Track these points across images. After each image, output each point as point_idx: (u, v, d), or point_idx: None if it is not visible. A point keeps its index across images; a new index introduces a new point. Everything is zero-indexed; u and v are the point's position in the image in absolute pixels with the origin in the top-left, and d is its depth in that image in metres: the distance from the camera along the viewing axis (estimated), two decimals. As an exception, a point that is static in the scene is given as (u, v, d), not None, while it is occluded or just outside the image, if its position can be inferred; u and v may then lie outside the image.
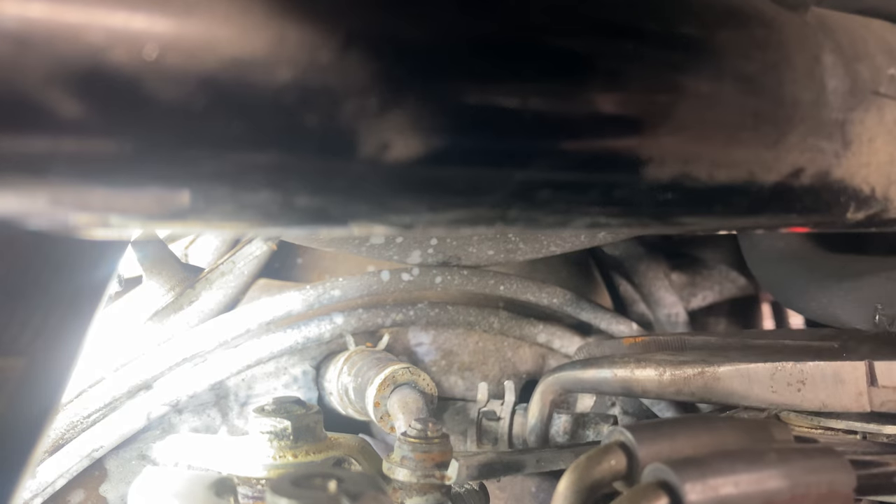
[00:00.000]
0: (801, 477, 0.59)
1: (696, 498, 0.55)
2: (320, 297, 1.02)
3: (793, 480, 0.58)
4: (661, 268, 1.34)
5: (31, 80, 0.33)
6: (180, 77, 0.35)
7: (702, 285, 1.41)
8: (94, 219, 0.40)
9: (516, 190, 0.46)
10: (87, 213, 0.39)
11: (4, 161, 0.35)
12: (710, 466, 0.57)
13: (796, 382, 0.73)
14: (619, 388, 0.90)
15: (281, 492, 0.50)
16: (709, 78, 0.49)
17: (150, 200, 0.40)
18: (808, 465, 0.59)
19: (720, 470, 0.57)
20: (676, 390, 0.81)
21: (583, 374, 0.97)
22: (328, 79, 0.38)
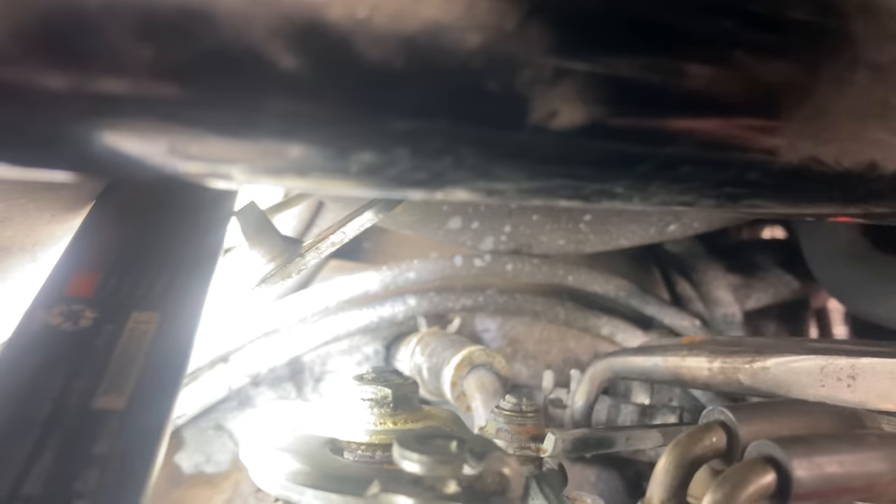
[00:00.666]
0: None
1: (804, 474, 0.56)
2: (396, 278, 1.05)
3: (894, 464, 0.60)
4: (719, 267, 1.35)
5: (260, 34, 0.35)
6: (385, 37, 0.37)
7: (756, 287, 1.42)
8: (291, 172, 0.42)
9: (662, 163, 0.48)
10: (286, 166, 0.41)
11: (225, 110, 0.37)
12: (815, 445, 0.58)
13: (846, 378, 0.73)
14: (669, 376, 0.91)
15: (409, 446, 0.52)
16: (843, 66, 0.51)
17: (337, 157, 0.42)
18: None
19: (825, 449, 0.58)
20: (725, 379, 0.82)
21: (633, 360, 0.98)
22: (511, 46, 0.40)
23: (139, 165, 0.40)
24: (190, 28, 0.35)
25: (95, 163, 0.41)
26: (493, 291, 1.12)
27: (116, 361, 0.54)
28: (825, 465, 0.57)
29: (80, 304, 0.58)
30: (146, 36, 0.34)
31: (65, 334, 0.55)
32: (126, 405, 0.51)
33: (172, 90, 0.36)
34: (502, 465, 0.53)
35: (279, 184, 0.46)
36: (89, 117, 0.37)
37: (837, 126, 0.52)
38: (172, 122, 0.38)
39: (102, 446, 0.48)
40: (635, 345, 1.17)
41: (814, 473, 0.57)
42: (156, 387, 0.53)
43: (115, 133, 0.38)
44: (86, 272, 0.61)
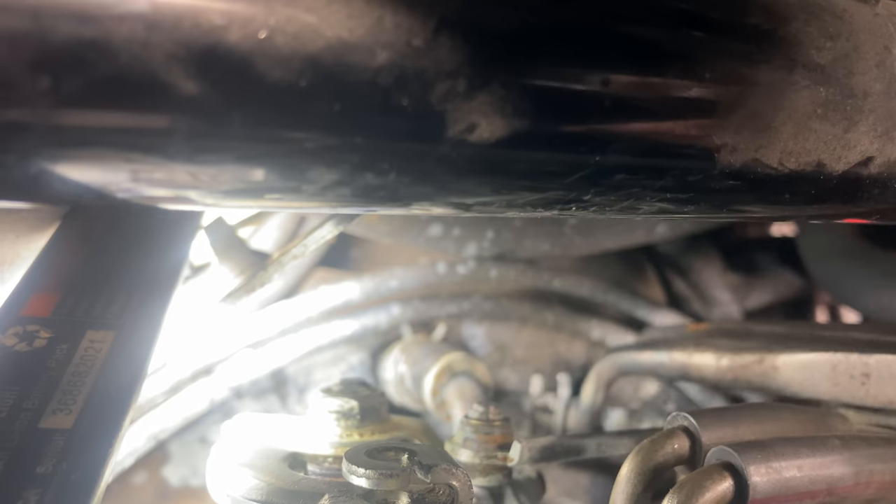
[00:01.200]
0: (865, 464, 0.59)
1: (760, 479, 0.56)
2: (378, 286, 1.05)
3: (857, 467, 0.59)
4: (715, 267, 1.34)
5: (158, 59, 0.35)
6: (287, 57, 0.38)
7: (756, 286, 1.40)
8: (202, 194, 0.42)
9: (593, 173, 0.47)
10: (195, 189, 0.42)
11: (127, 136, 0.37)
12: (774, 450, 0.58)
13: (860, 375, 0.71)
14: (676, 372, 0.91)
15: (357, 461, 0.52)
16: (781, 67, 0.50)
17: (247, 176, 0.42)
18: (872, 453, 0.60)
19: (784, 454, 0.58)
20: (734, 377, 0.81)
21: (639, 357, 0.97)
22: (421, 62, 0.40)
23: (54, 191, 0.40)
24: (86, 57, 0.35)
25: (19, 189, 0.42)
26: (479, 297, 1.11)
27: (67, 381, 0.54)
28: (783, 470, 0.57)
29: (35, 324, 0.58)
30: (42, 66, 0.35)
31: (18, 355, 0.55)
32: (73, 424, 0.52)
33: (77, 118, 0.37)
34: (450, 477, 0.53)
35: (202, 206, 0.46)
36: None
37: (778, 128, 0.51)
38: (84, 149, 0.38)
39: (46, 466, 0.48)
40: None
41: (771, 478, 0.56)
42: (106, 406, 0.54)
43: (28, 162, 0.39)
44: (44, 292, 0.62)
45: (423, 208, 0.49)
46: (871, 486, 0.59)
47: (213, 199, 0.44)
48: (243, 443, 0.67)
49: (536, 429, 1.06)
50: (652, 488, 0.62)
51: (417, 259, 1.17)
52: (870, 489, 0.59)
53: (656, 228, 1.14)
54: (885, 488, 0.60)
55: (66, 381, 0.54)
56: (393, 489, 0.52)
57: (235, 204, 0.46)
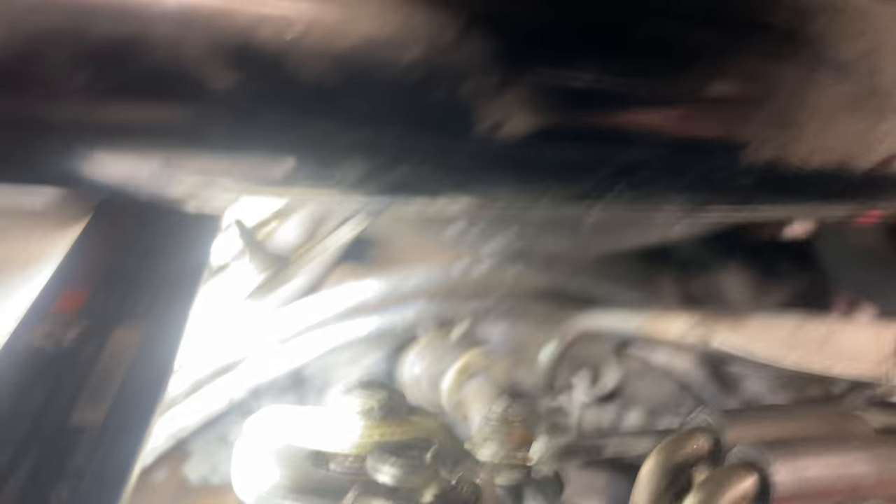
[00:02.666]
0: (886, 463, 0.59)
1: (784, 478, 0.56)
2: (398, 285, 1.05)
3: (878, 466, 0.59)
4: (731, 267, 1.34)
5: (192, 56, 0.36)
6: (317, 54, 0.38)
7: (772, 286, 1.40)
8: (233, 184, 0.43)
9: (620, 169, 0.48)
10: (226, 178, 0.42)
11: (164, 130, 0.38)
12: (797, 449, 0.58)
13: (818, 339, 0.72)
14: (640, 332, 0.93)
15: (383, 458, 0.52)
16: (805, 65, 0.50)
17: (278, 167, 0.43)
18: (892, 453, 0.60)
19: (807, 453, 0.58)
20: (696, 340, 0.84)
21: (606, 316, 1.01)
22: (451, 58, 0.40)
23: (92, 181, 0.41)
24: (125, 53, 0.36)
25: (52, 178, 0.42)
26: (497, 297, 1.11)
27: (96, 378, 0.55)
28: (806, 469, 0.56)
29: (64, 321, 0.59)
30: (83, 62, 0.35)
31: (47, 352, 0.56)
32: (103, 421, 0.52)
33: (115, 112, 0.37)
34: (474, 475, 0.53)
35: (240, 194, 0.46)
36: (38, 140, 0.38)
37: (802, 125, 0.51)
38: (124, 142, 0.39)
39: (77, 461, 0.49)
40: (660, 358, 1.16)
41: (794, 477, 0.56)
42: (134, 403, 0.54)
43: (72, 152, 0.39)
44: (74, 289, 0.63)
45: (452, 201, 0.49)
46: (892, 486, 0.59)
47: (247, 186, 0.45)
48: (267, 439, 0.67)
49: (551, 430, 1.06)
50: (674, 487, 0.62)
51: (436, 257, 1.17)
52: (892, 489, 0.59)
53: (672, 229, 1.14)
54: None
55: (96, 379, 0.55)
56: (417, 486, 0.53)
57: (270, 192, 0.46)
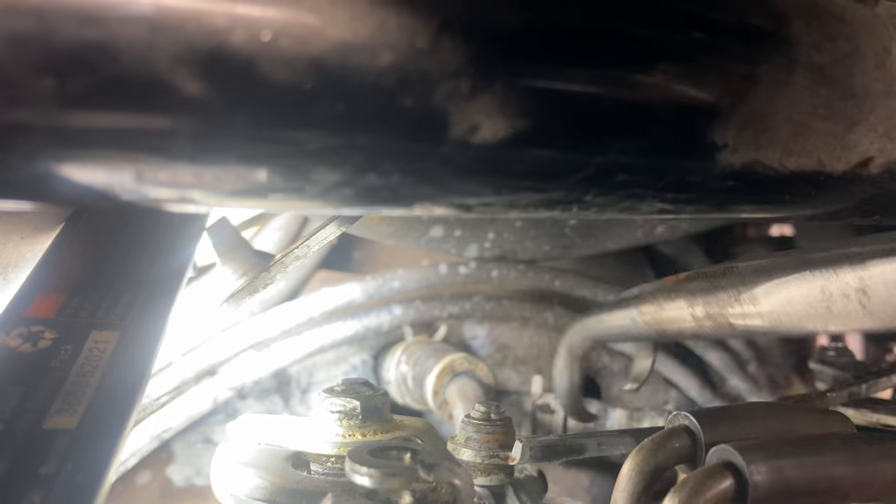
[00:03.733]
0: (867, 463, 0.60)
1: (761, 479, 0.56)
2: (380, 287, 1.05)
3: (858, 466, 0.59)
4: (713, 266, 1.34)
5: (162, 62, 0.36)
6: (290, 59, 0.38)
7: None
8: (206, 194, 0.43)
9: (594, 173, 0.48)
10: (200, 189, 0.42)
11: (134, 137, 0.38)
12: (775, 449, 0.58)
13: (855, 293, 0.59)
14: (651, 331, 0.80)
15: (360, 460, 0.52)
16: (781, 68, 0.50)
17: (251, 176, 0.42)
18: (872, 452, 0.60)
19: (785, 453, 0.58)
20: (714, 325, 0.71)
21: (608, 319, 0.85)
22: (424, 63, 0.40)
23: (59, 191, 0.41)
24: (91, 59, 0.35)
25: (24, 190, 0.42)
26: (480, 298, 1.12)
27: (72, 381, 0.54)
28: (784, 469, 0.57)
29: (40, 325, 0.59)
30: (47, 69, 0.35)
31: (22, 356, 0.56)
32: (78, 424, 0.52)
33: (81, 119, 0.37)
34: (452, 476, 0.53)
35: (207, 206, 0.46)
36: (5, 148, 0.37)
37: (778, 128, 0.51)
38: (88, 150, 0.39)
39: (50, 466, 0.49)
40: (627, 347, 1.16)
41: (772, 478, 0.56)
42: (110, 406, 0.54)
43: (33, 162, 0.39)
44: (49, 293, 0.62)
45: (426, 209, 0.49)
46: (872, 486, 0.60)
47: (217, 199, 0.44)
48: (247, 443, 0.67)
49: (537, 428, 1.06)
50: (653, 487, 0.62)
51: (419, 260, 1.17)
52: (871, 489, 0.60)
53: (655, 230, 1.15)
54: (887, 487, 0.60)
55: (71, 382, 0.54)
56: (396, 488, 0.53)
57: (239, 204, 0.46)
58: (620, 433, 0.74)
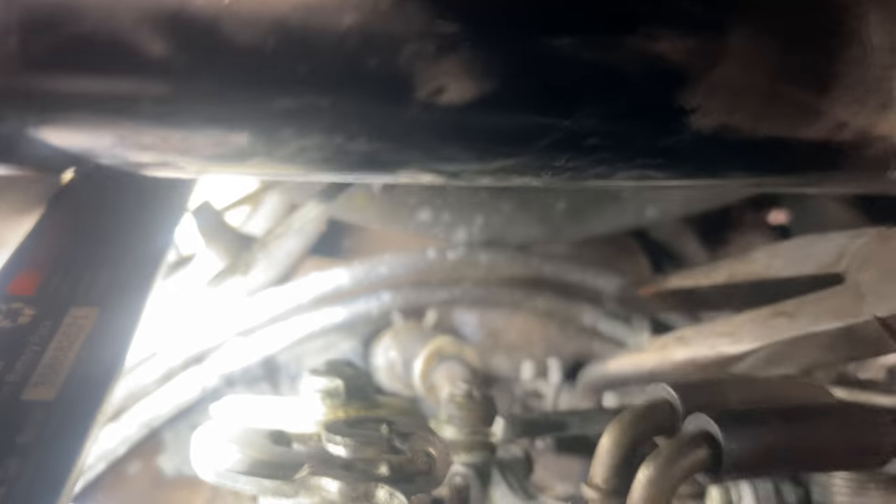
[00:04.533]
0: (845, 432, 0.60)
1: (735, 446, 0.56)
2: (368, 273, 1.05)
3: (835, 434, 0.59)
4: (707, 253, 1.34)
5: (125, 23, 0.36)
6: (253, 19, 0.38)
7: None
8: (170, 158, 0.43)
9: (564, 137, 0.48)
10: (164, 152, 0.42)
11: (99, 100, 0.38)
12: (751, 417, 0.58)
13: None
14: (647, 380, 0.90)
15: (336, 430, 0.52)
16: (752, 32, 0.51)
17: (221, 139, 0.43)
18: (851, 421, 0.60)
19: (762, 421, 0.58)
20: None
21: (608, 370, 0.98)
22: (388, 24, 0.41)
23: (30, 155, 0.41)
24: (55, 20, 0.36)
25: None
26: (470, 284, 1.12)
27: (50, 355, 0.55)
28: (760, 437, 0.57)
29: (20, 302, 0.59)
30: (11, 29, 0.35)
31: (2, 331, 0.56)
32: (56, 396, 0.52)
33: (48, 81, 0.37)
34: (427, 444, 0.53)
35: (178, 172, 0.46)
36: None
37: (749, 93, 0.51)
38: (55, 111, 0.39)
39: (27, 436, 0.49)
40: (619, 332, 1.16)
41: (747, 446, 0.56)
42: (88, 379, 0.54)
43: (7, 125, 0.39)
44: (30, 271, 0.63)
45: (404, 175, 0.49)
46: (850, 454, 0.60)
47: (192, 164, 0.45)
48: (230, 422, 0.67)
49: (528, 413, 1.06)
50: (632, 459, 0.62)
51: (407, 246, 1.17)
52: (849, 456, 0.60)
53: (645, 212, 1.15)
54: (864, 455, 0.60)
55: (49, 356, 0.55)
56: (372, 457, 0.53)
57: (214, 168, 0.46)
58: (603, 411, 0.74)
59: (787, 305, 0.75)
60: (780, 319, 0.74)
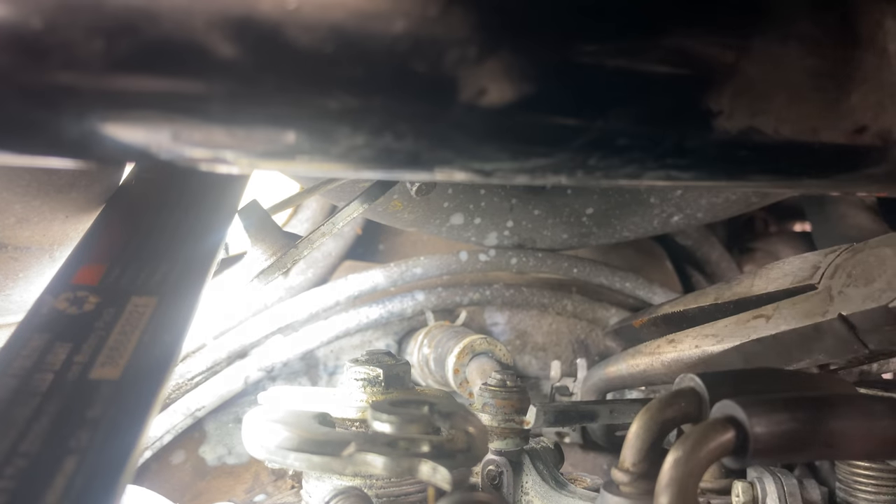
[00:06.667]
0: (867, 421, 0.62)
1: (762, 430, 0.58)
2: (403, 274, 1.09)
3: (858, 423, 0.61)
4: (733, 259, 1.37)
5: (198, 26, 0.40)
6: (314, 25, 0.42)
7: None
8: (226, 154, 0.47)
9: (596, 138, 0.51)
10: (222, 148, 0.46)
11: (168, 98, 0.42)
12: (777, 405, 0.61)
13: None
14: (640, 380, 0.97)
15: (382, 409, 0.56)
16: (774, 38, 0.54)
17: (275, 137, 0.47)
18: (874, 410, 0.63)
19: (787, 408, 0.60)
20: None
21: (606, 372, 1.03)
22: (435, 30, 0.44)
23: (104, 150, 0.45)
24: (136, 24, 0.40)
25: (73, 148, 0.46)
26: (500, 285, 1.15)
27: (114, 339, 0.59)
28: (785, 423, 0.59)
29: (84, 290, 0.63)
30: (96, 32, 0.39)
31: (69, 317, 0.60)
32: (120, 376, 0.56)
33: (127, 81, 0.41)
34: (467, 424, 0.57)
35: (238, 167, 0.50)
36: (58, 108, 0.42)
37: (772, 95, 0.54)
38: (131, 109, 0.43)
39: (96, 410, 0.53)
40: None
41: (773, 430, 0.59)
42: (150, 360, 0.58)
43: (82, 122, 0.43)
44: (93, 263, 0.67)
45: (444, 174, 0.53)
46: (872, 442, 0.62)
47: (248, 160, 0.49)
48: (277, 407, 0.71)
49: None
50: (659, 444, 0.65)
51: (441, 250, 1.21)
52: (871, 445, 0.62)
53: (671, 219, 1.17)
54: (887, 444, 0.62)
55: (114, 339, 0.59)
56: (414, 435, 0.56)
57: (269, 165, 0.50)
58: (632, 401, 0.77)
59: (766, 309, 0.81)
60: (758, 321, 0.80)
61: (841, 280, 0.76)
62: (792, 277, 0.82)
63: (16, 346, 0.57)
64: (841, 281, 0.76)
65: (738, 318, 0.84)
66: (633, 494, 0.63)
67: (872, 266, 0.73)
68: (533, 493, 0.74)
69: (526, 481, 0.75)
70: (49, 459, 0.49)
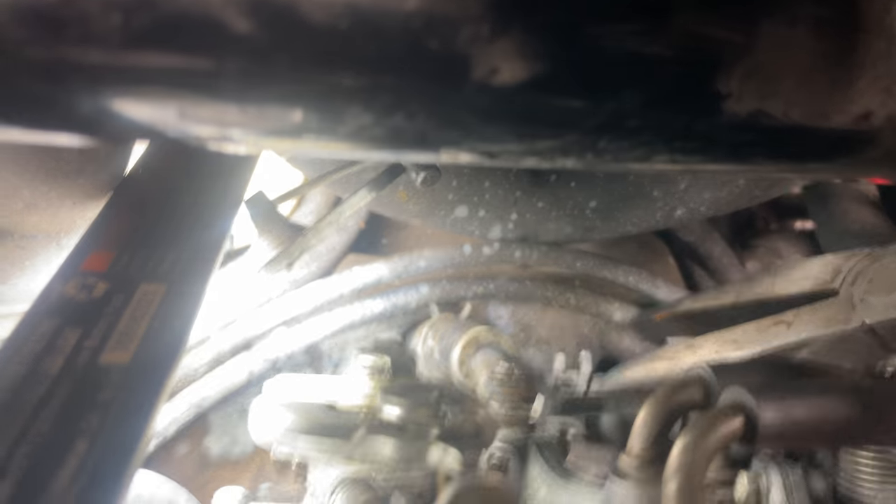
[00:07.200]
0: (875, 408, 0.62)
1: (770, 418, 0.59)
2: (407, 267, 1.09)
3: (865, 410, 0.61)
4: (735, 255, 1.37)
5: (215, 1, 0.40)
6: (329, 1, 0.42)
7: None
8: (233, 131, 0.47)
9: (606, 120, 0.51)
10: (230, 126, 0.46)
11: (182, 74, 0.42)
12: (784, 392, 0.61)
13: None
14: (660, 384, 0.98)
15: (392, 392, 0.56)
16: (782, 21, 0.54)
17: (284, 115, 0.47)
18: (881, 398, 0.63)
19: (794, 395, 0.61)
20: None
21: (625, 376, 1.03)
22: (448, 6, 0.44)
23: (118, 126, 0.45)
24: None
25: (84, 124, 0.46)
26: (504, 279, 1.15)
27: (124, 324, 0.59)
28: (793, 409, 0.59)
29: (94, 277, 0.63)
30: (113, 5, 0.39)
31: (79, 303, 0.60)
32: (130, 360, 0.56)
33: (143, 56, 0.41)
34: (475, 410, 0.57)
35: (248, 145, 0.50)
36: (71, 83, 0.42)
37: (781, 80, 0.54)
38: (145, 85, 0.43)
39: (106, 394, 0.53)
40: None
41: (780, 417, 0.59)
42: (160, 346, 0.59)
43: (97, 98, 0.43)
44: (102, 250, 0.67)
45: (452, 155, 0.53)
46: (879, 429, 0.62)
47: (257, 138, 0.49)
48: (284, 393, 0.71)
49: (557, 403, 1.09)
50: (667, 431, 0.65)
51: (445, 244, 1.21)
52: (878, 431, 0.62)
53: (675, 212, 1.17)
54: (893, 430, 0.62)
55: (124, 325, 0.59)
56: (423, 420, 0.56)
57: (276, 144, 0.50)
58: (638, 392, 0.77)
59: (787, 315, 0.81)
60: (779, 327, 0.80)
61: (862, 287, 0.77)
62: (813, 280, 0.82)
63: (25, 330, 0.57)
64: (862, 288, 0.77)
65: (758, 323, 0.84)
66: (641, 479, 0.63)
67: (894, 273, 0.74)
68: (539, 480, 0.74)
69: (532, 470, 0.75)
70: (61, 441, 0.49)
